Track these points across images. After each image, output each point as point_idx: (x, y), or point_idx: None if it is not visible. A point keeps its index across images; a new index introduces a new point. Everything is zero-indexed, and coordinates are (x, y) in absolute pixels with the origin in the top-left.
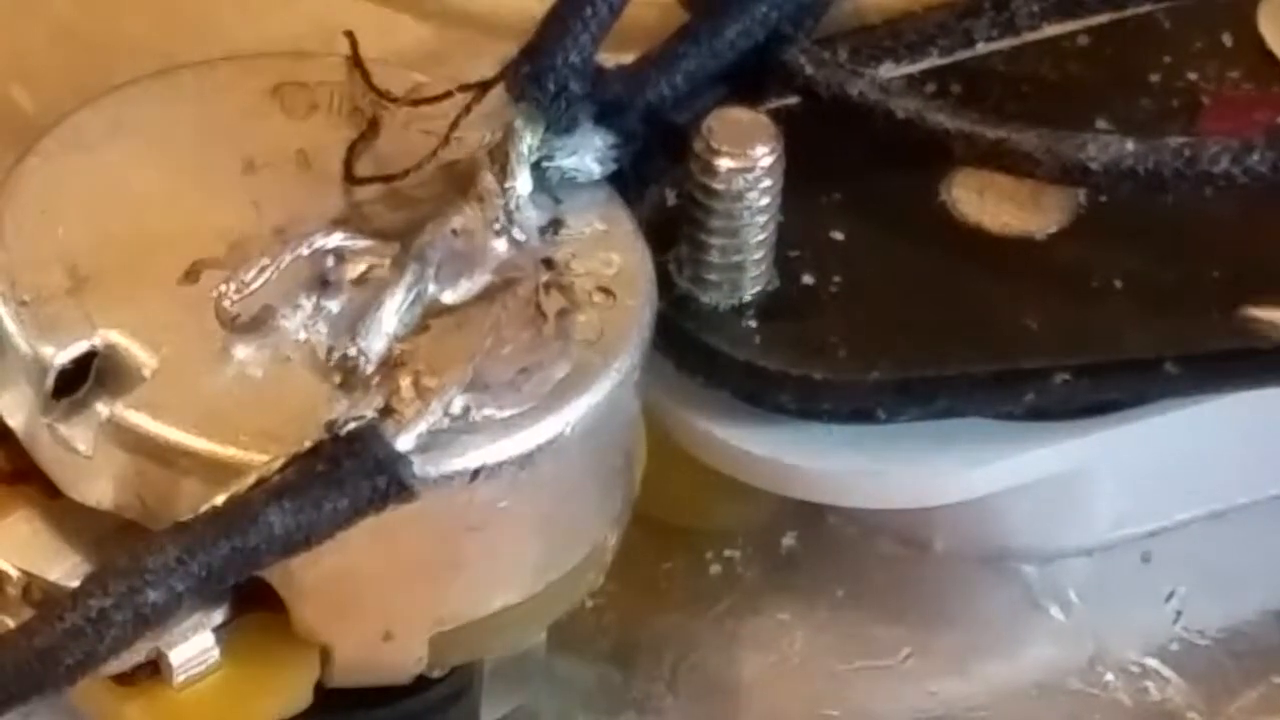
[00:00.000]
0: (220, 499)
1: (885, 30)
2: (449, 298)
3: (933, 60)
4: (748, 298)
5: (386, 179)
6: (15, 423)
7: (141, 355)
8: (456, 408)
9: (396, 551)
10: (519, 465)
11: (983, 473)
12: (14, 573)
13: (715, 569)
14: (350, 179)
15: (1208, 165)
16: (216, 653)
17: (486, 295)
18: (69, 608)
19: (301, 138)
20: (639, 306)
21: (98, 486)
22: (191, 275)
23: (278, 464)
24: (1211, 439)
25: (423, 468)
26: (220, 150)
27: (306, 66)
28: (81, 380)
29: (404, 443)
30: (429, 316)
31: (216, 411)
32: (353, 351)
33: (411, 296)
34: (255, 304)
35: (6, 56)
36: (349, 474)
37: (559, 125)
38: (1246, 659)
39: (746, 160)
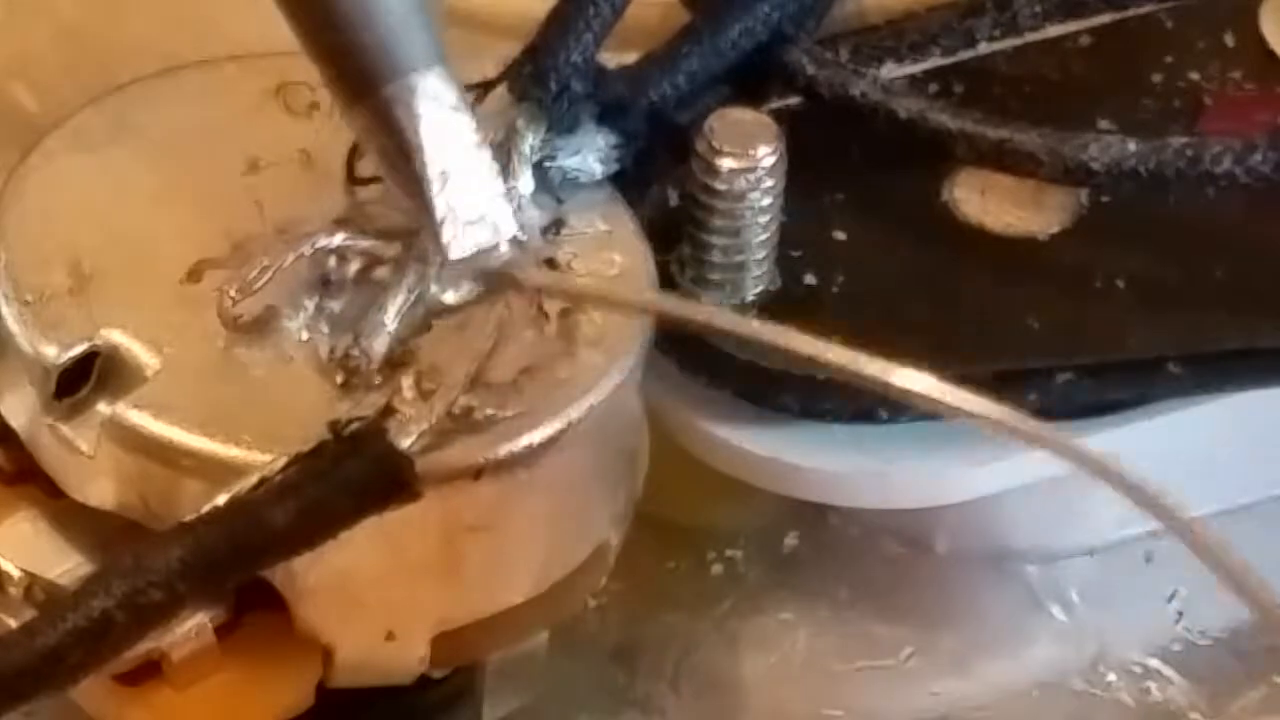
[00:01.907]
0: (222, 499)
1: (887, 30)
2: (451, 298)
3: (935, 60)
4: (750, 298)
5: None
6: (18, 423)
7: (144, 355)
8: (459, 407)
9: (399, 551)
10: (521, 465)
11: (985, 473)
12: (16, 573)
13: (718, 569)
14: (353, 179)
15: (1210, 165)
16: (219, 653)
17: (489, 295)
18: (71, 608)
19: (304, 137)
20: None
21: (100, 487)
22: (194, 275)
23: (280, 464)
24: (1214, 439)
25: (425, 467)
26: (223, 150)
27: (309, 66)
28: (84, 380)
29: (406, 442)
30: (431, 316)
31: (219, 412)
32: (355, 351)
33: (414, 296)
34: (258, 304)
35: (10, 56)
36: (352, 474)
37: (561, 125)
38: (1249, 659)
39: (748, 160)
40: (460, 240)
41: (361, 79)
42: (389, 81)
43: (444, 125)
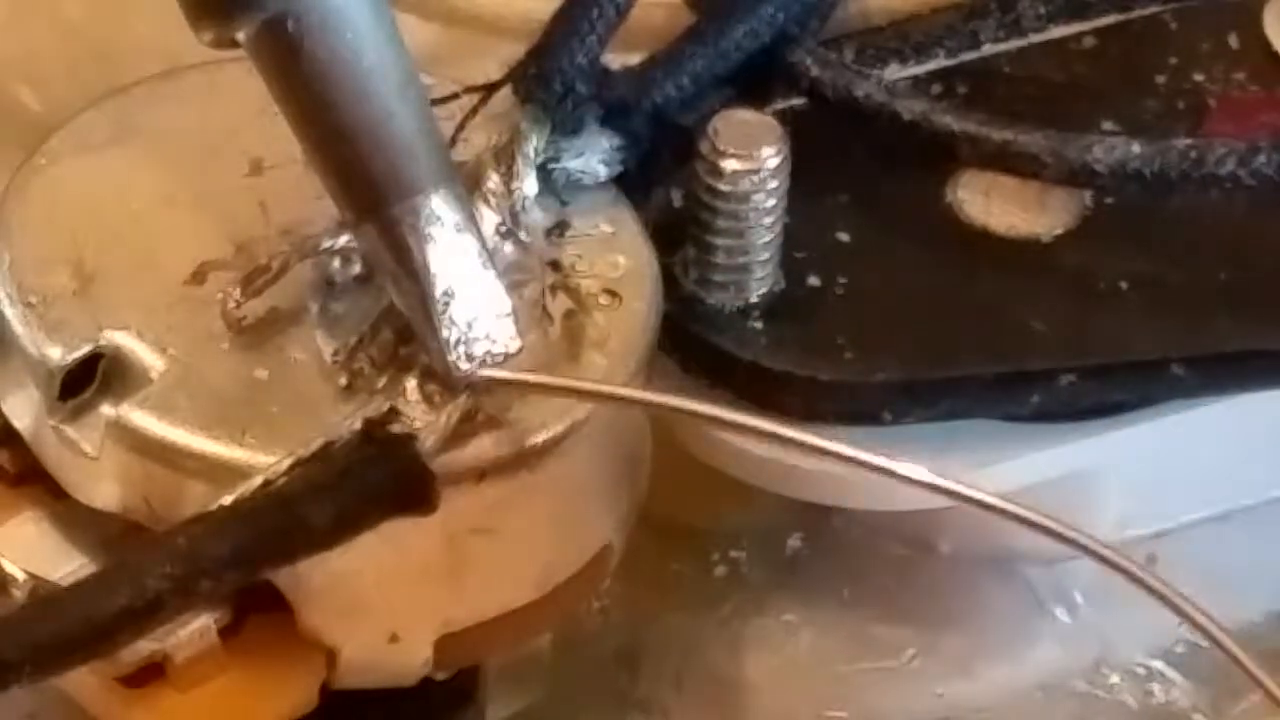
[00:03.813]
0: (227, 500)
1: (891, 31)
2: None
3: (939, 61)
4: (754, 299)
5: None
6: (22, 424)
7: (148, 357)
8: (463, 409)
9: (403, 553)
10: (525, 467)
11: (988, 474)
12: (20, 575)
13: (721, 570)
14: None
15: (1214, 167)
16: (222, 655)
17: None
18: (125, 583)
19: None
20: (645, 308)
21: (104, 488)
22: (198, 277)
23: (284, 465)
24: (1217, 441)
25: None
26: (226, 151)
27: None
28: (88, 382)
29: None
30: None
31: (222, 413)
32: (359, 353)
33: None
34: (261, 306)
35: (14, 57)
36: (378, 479)
37: (565, 127)
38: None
39: (752, 162)
40: (464, 358)
41: (368, 198)
42: (395, 202)
43: (449, 246)
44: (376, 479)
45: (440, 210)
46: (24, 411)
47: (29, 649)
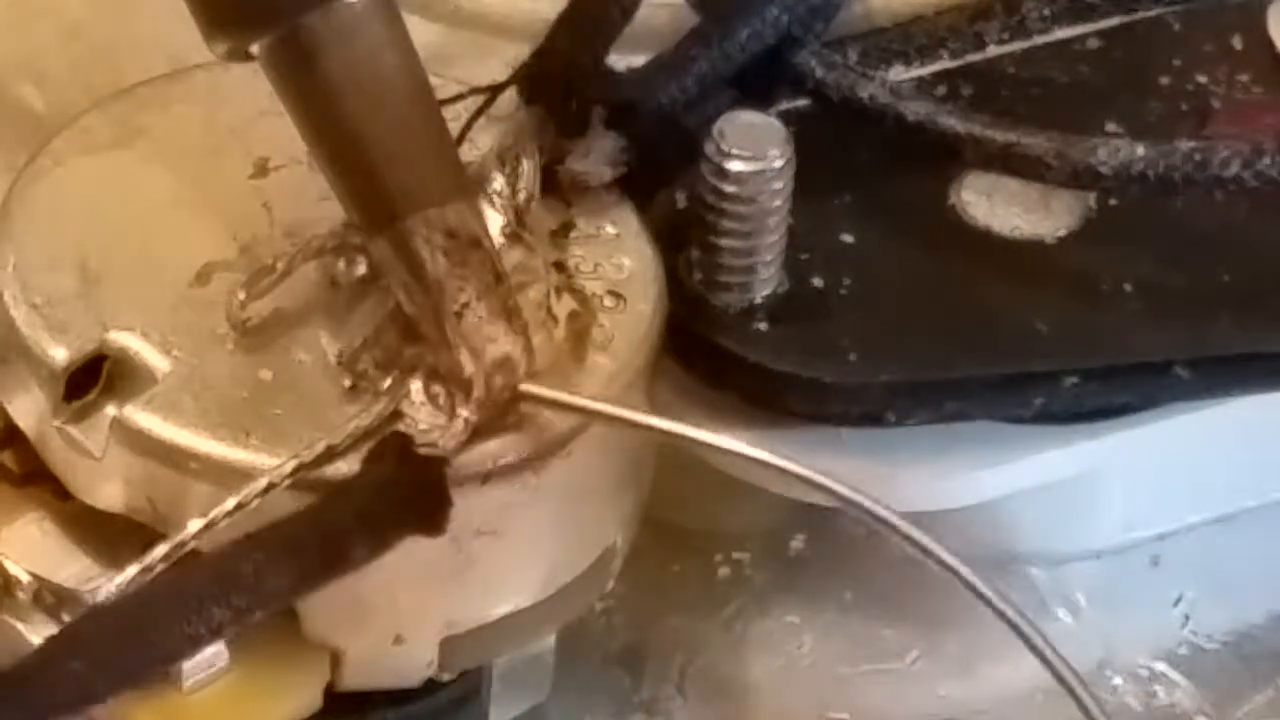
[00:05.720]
0: (231, 502)
1: (895, 33)
2: None
3: (943, 63)
4: (758, 300)
5: None
6: (26, 425)
7: (152, 358)
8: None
9: (407, 555)
10: (529, 469)
11: (991, 476)
12: (25, 577)
13: (724, 571)
14: None
15: (1218, 169)
16: (226, 656)
17: None
18: (195, 613)
19: None
20: (649, 310)
21: (108, 489)
22: (202, 278)
23: (289, 467)
24: (1220, 443)
25: None
26: (230, 152)
27: None
28: (92, 383)
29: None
30: None
31: (227, 414)
32: (363, 354)
33: None
34: (266, 307)
35: (18, 57)
36: (407, 504)
37: (570, 128)
38: (1255, 663)
39: (757, 163)
40: (478, 374)
41: (381, 210)
42: (408, 214)
43: (462, 260)
44: (403, 502)
45: (454, 223)
46: (29, 412)
47: (105, 675)
